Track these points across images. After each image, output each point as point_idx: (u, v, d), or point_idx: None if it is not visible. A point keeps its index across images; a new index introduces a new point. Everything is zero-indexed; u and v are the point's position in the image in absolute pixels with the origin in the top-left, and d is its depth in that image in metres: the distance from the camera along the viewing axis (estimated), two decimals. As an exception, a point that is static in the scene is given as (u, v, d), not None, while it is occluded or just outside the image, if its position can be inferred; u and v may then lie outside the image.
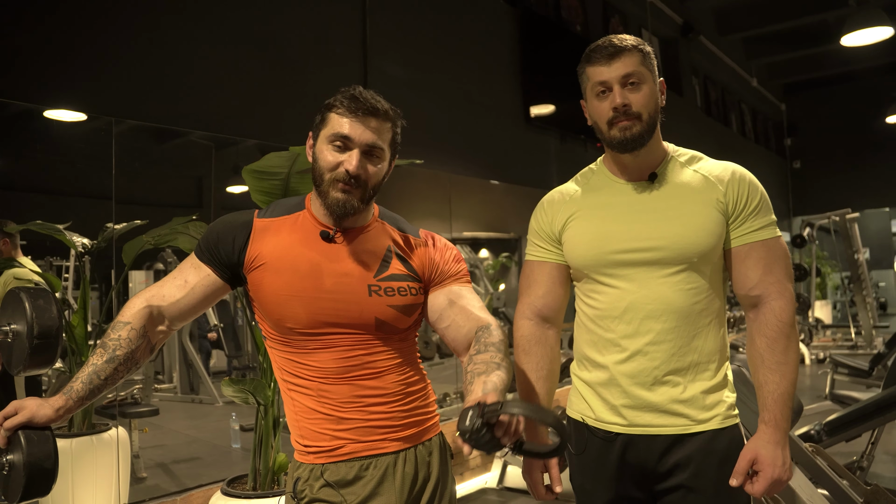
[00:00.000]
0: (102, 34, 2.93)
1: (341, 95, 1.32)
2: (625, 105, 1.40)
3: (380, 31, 4.14)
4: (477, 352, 1.34)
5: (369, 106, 1.30)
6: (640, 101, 1.41)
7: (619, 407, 1.45)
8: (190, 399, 6.03)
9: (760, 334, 1.42)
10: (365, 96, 1.31)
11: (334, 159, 1.30)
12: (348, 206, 1.30)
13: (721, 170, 1.47)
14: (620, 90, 1.41)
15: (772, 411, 1.39)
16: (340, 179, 1.30)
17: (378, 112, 1.31)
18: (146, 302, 1.34)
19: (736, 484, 1.38)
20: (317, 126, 1.36)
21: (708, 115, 9.19)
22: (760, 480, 1.36)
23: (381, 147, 1.33)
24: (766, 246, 1.43)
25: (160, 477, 3.97)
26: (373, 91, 1.34)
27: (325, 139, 1.32)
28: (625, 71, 1.40)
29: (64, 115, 2.96)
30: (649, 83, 1.43)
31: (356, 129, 1.30)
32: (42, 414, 1.23)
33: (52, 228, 2.90)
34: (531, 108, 5.37)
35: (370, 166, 1.32)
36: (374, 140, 1.31)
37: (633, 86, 1.41)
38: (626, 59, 1.41)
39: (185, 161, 4.01)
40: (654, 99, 1.44)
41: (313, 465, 1.33)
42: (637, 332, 1.43)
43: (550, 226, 1.55)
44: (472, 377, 1.27)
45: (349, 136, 1.29)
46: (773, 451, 1.37)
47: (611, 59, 1.41)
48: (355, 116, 1.30)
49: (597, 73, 1.43)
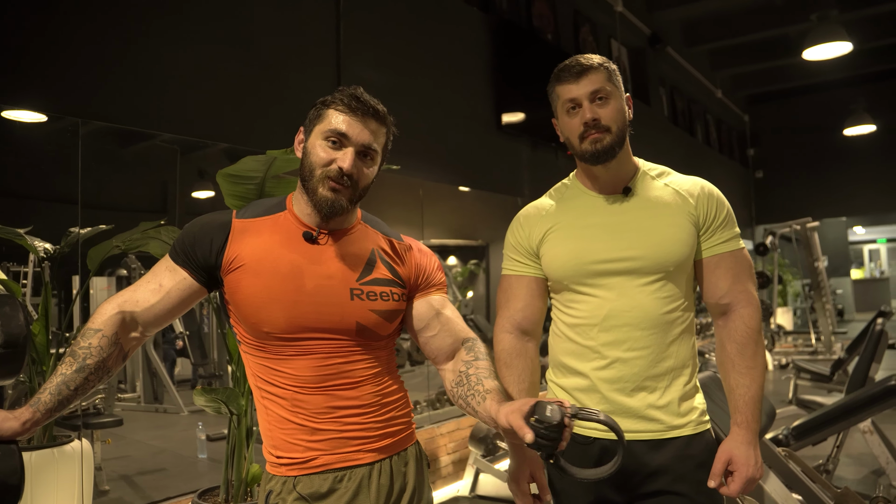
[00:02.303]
0: (67, 32, 2.84)
1: (341, 93, 1.31)
2: (594, 119, 1.47)
3: (354, 36, 4.11)
4: (475, 358, 1.37)
5: (370, 107, 1.29)
6: (609, 115, 1.48)
7: None
8: (154, 409, 5.91)
9: (731, 340, 1.50)
10: (365, 97, 1.30)
11: (328, 156, 1.28)
12: (336, 205, 1.28)
13: (690, 184, 1.56)
14: (590, 105, 1.48)
15: (743, 413, 1.47)
16: (332, 177, 1.27)
17: (378, 114, 1.31)
18: (118, 308, 1.29)
19: (714, 485, 1.45)
20: (311, 121, 1.33)
21: (675, 124, 9.34)
22: (736, 480, 1.44)
23: (375, 149, 1.32)
24: (734, 256, 1.52)
25: (124, 489, 3.87)
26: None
27: (319, 134, 1.29)
28: (592, 87, 1.48)
29: (25, 116, 2.86)
30: (616, 98, 1.50)
31: (354, 128, 1.28)
32: (7, 427, 1.17)
33: (11, 233, 2.80)
34: (503, 115, 5.38)
35: (363, 167, 1.31)
36: (370, 141, 1.30)
37: (602, 101, 1.49)
38: (594, 77, 1.48)
39: (151, 165, 3.93)
40: (622, 113, 1.51)
41: (286, 478, 1.29)
42: (616, 339, 1.48)
43: (528, 240, 1.59)
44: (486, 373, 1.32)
45: (346, 134, 1.28)
46: (746, 452, 1.45)
47: (579, 76, 1.48)
48: (355, 115, 1.28)
49: (566, 91, 1.50)
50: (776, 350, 9.86)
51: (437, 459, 4.32)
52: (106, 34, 2.96)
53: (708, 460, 1.47)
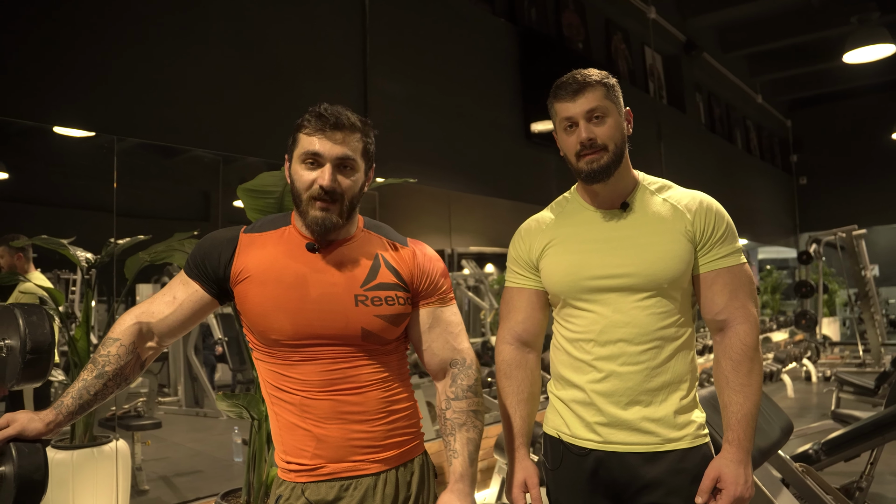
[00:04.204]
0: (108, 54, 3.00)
1: (308, 114, 1.34)
2: (590, 139, 1.47)
3: (380, 50, 4.20)
4: (455, 397, 1.41)
5: (334, 120, 1.32)
6: (606, 134, 1.48)
7: (593, 424, 1.52)
8: (194, 412, 6.06)
9: (726, 357, 1.49)
10: (330, 111, 1.33)
11: (308, 178, 1.33)
12: (328, 222, 1.32)
13: (689, 199, 1.55)
14: (586, 124, 1.48)
15: (735, 431, 1.46)
16: (317, 197, 1.32)
17: (343, 125, 1.33)
18: (136, 319, 1.38)
19: (701, 502, 1.44)
20: (290, 148, 1.39)
21: (712, 131, 9.21)
22: (723, 498, 1.43)
23: (352, 158, 1.34)
24: (732, 272, 1.50)
25: (162, 489, 4.00)
26: (341, 106, 1.37)
27: (297, 159, 1.34)
28: (588, 106, 1.47)
29: (70, 133, 3.03)
30: (614, 115, 1.50)
31: (325, 145, 1.32)
32: (32, 427, 1.26)
33: (56, 243, 2.96)
34: (531, 125, 5.41)
35: (344, 179, 1.34)
36: (343, 152, 1.32)
37: (598, 119, 1.48)
38: (590, 95, 1.48)
39: (193, 176, 4.08)
40: (619, 130, 1.50)
41: (295, 484, 1.35)
42: (612, 354, 1.49)
43: (528, 253, 1.61)
44: (453, 427, 1.38)
45: (319, 153, 1.32)
46: (735, 470, 1.43)
47: (575, 94, 1.48)
48: (322, 133, 1.32)
49: (563, 109, 1.50)
50: (821, 362, 9.60)
51: (465, 466, 4.35)
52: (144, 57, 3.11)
53: (702, 474, 1.47)
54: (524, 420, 1.59)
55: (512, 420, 1.59)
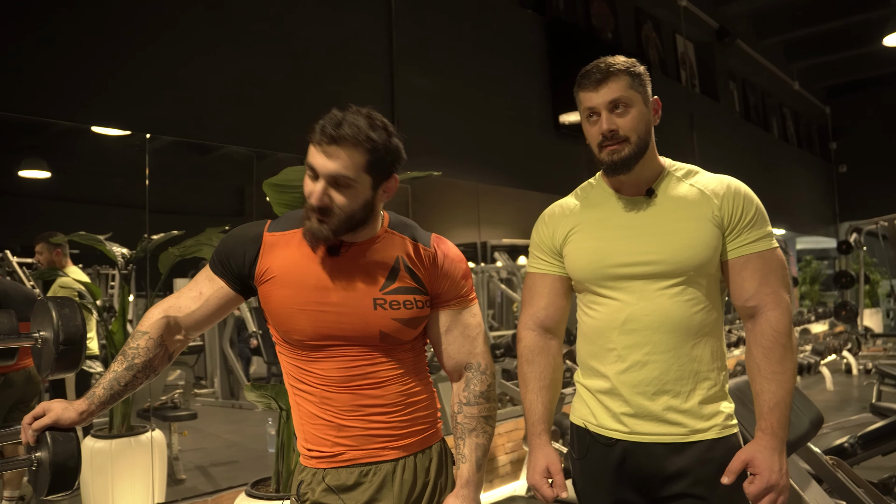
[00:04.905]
0: (142, 56, 3.07)
1: (317, 123, 1.29)
2: (611, 130, 1.44)
3: (406, 45, 4.22)
4: (467, 402, 1.42)
5: (329, 135, 1.26)
6: (628, 125, 1.45)
7: (619, 415, 1.49)
8: (230, 404, 6.16)
9: (757, 344, 1.45)
10: (330, 124, 1.27)
11: (308, 189, 1.30)
12: (318, 235, 1.29)
13: (716, 184, 1.50)
14: (608, 116, 1.45)
15: (768, 419, 1.42)
16: (311, 209, 1.30)
17: (344, 139, 1.26)
18: (163, 312, 1.41)
19: (727, 482, 1.39)
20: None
21: (747, 120, 9.03)
22: (757, 482, 1.38)
23: (345, 175, 1.27)
24: (762, 257, 1.46)
25: (198, 479, 4.09)
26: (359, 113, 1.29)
27: (305, 166, 1.32)
28: (612, 97, 1.44)
29: (107, 132, 3.12)
30: (638, 106, 1.46)
31: (319, 160, 1.27)
32: (66, 417, 1.31)
33: (93, 239, 3.05)
34: (560, 116, 5.38)
35: (337, 196, 1.28)
36: (335, 170, 1.26)
37: (621, 110, 1.45)
38: (613, 85, 1.44)
39: (226, 172, 4.16)
40: (643, 121, 1.47)
41: (316, 469, 1.38)
42: (637, 343, 1.46)
43: (551, 239, 1.59)
44: (461, 432, 1.40)
45: (314, 167, 1.28)
46: (769, 457, 1.39)
47: (598, 84, 1.45)
48: (319, 146, 1.27)
49: (586, 99, 1.47)
50: (862, 354, 9.37)
51: (495, 459, 4.38)
52: (177, 56, 3.18)
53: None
54: (545, 406, 1.58)
55: (533, 406, 1.58)
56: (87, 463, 2.93)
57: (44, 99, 2.78)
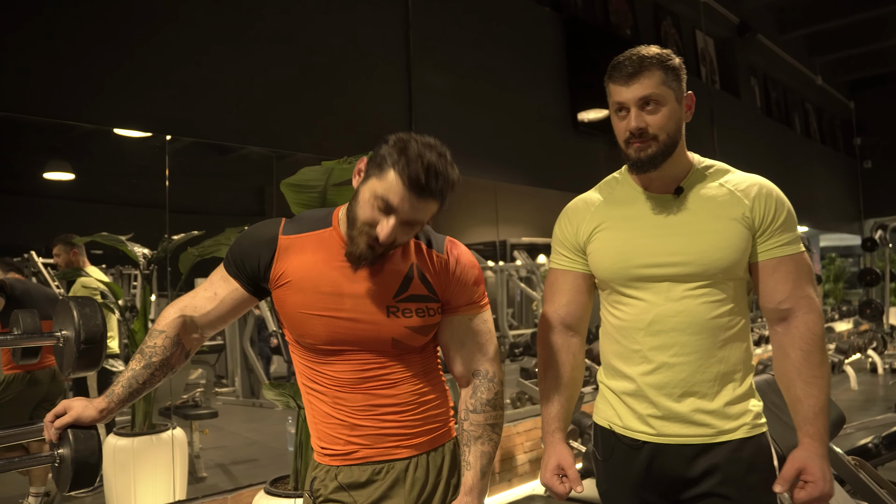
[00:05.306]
0: (162, 58, 3.11)
1: (411, 163, 1.25)
2: (640, 129, 1.39)
3: (423, 43, 4.22)
4: (473, 409, 1.42)
5: (430, 190, 1.26)
6: (658, 123, 1.40)
7: (646, 417, 1.46)
8: (250, 403, 6.21)
9: (795, 347, 1.42)
10: (430, 179, 1.26)
11: (373, 217, 1.28)
12: (366, 257, 1.31)
13: (747, 184, 1.46)
14: (637, 113, 1.39)
15: (814, 425, 1.39)
16: (371, 244, 1.29)
17: (433, 194, 1.27)
18: (180, 312, 1.42)
19: (780, 490, 1.38)
20: (372, 166, 1.31)
21: (768, 116, 8.92)
22: (809, 489, 1.36)
23: (420, 221, 1.31)
24: (794, 260, 1.43)
25: (219, 476, 4.12)
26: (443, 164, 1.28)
27: (372, 190, 1.28)
28: (642, 93, 1.38)
29: (128, 133, 3.16)
30: (670, 103, 1.40)
31: (405, 205, 1.26)
32: (87, 414, 1.33)
33: (115, 240, 3.09)
34: (578, 114, 5.35)
35: (403, 235, 1.31)
36: (416, 217, 1.29)
37: (652, 107, 1.39)
38: (645, 80, 1.38)
39: (246, 173, 4.20)
40: (674, 119, 1.41)
41: (329, 467, 1.39)
42: (663, 344, 1.44)
43: (575, 236, 1.56)
44: (467, 439, 1.40)
45: (395, 208, 1.27)
46: (821, 465, 1.37)
47: (629, 79, 1.39)
48: (411, 193, 1.25)
49: (616, 92, 1.42)
50: (888, 353, 9.22)
51: (514, 458, 4.37)
52: (196, 59, 3.22)
53: (759, 464, 1.42)
54: (562, 405, 1.56)
55: (550, 404, 1.56)
56: (110, 460, 2.98)
57: (67, 102, 2.83)
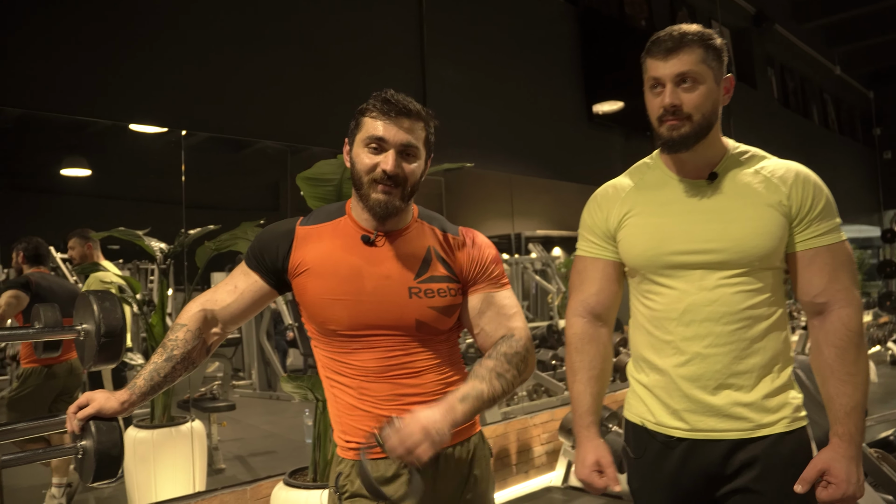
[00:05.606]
0: (176, 55, 3.12)
1: (374, 100, 1.36)
2: (674, 105, 1.35)
3: (437, 37, 4.21)
4: (488, 356, 1.39)
5: (401, 107, 1.33)
6: (694, 102, 1.35)
7: (680, 411, 1.41)
8: (267, 395, 6.25)
9: (829, 344, 1.37)
10: (397, 98, 1.34)
11: (371, 161, 1.34)
12: (390, 206, 1.34)
13: (784, 170, 1.41)
14: (673, 89, 1.35)
15: (845, 424, 1.34)
16: (379, 180, 1.33)
17: (410, 112, 1.34)
18: (201, 306, 1.44)
19: (801, 490, 1.33)
20: (352, 132, 1.40)
21: (786, 107, 8.82)
22: (832, 491, 1.32)
23: (415, 145, 1.36)
24: (832, 251, 1.38)
25: (238, 468, 4.16)
26: (405, 94, 1.37)
27: (360, 143, 1.36)
28: (680, 69, 1.34)
29: (144, 129, 3.18)
30: (708, 82, 1.36)
31: (390, 131, 1.33)
32: (109, 406, 1.34)
33: (132, 234, 3.12)
34: (593, 106, 5.32)
35: (406, 165, 1.35)
36: (408, 139, 1.34)
37: (689, 85, 1.35)
38: (685, 57, 1.34)
39: (260, 167, 4.21)
40: (710, 99, 1.37)
41: (354, 461, 1.38)
42: (696, 334, 1.39)
43: (605, 222, 1.51)
44: (470, 377, 1.36)
45: (384, 138, 1.33)
46: (847, 467, 1.32)
47: (668, 54, 1.35)
48: (388, 118, 1.33)
49: (652, 67, 1.38)
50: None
51: (531, 450, 4.37)
52: (210, 55, 3.23)
53: (798, 461, 1.36)
54: (594, 397, 1.51)
55: (581, 397, 1.51)
56: (130, 452, 3.01)
57: (83, 99, 2.85)
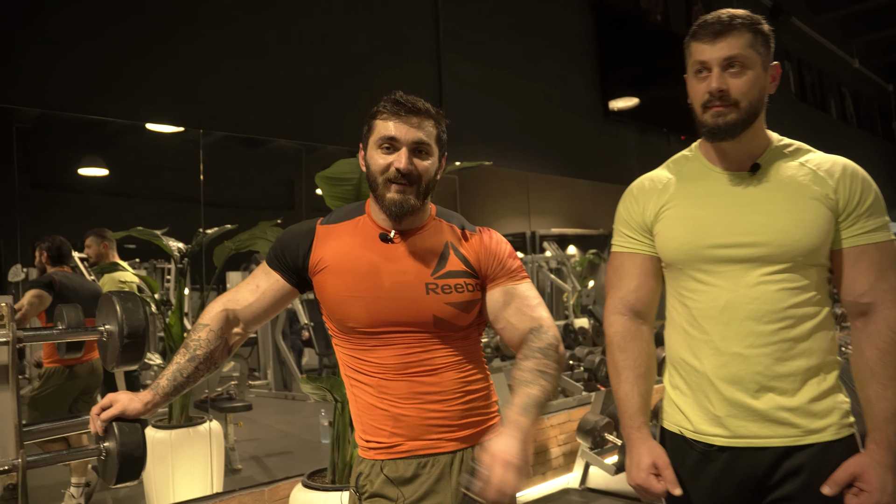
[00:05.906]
0: (193, 54, 3.13)
1: (383, 102, 1.37)
2: (721, 90, 1.30)
3: (452, 33, 4.20)
4: (524, 357, 1.37)
5: (410, 106, 1.35)
6: (741, 88, 1.30)
7: (720, 417, 1.35)
8: (283, 395, 6.26)
9: (872, 346, 1.31)
10: (406, 98, 1.36)
11: (384, 161, 1.35)
12: (406, 205, 1.34)
13: (831, 164, 1.36)
14: (720, 73, 1.30)
15: (884, 431, 1.28)
16: (393, 179, 1.34)
17: (420, 111, 1.36)
18: (223, 306, 1.44)
19: (829, 493, 1.27)
20: (365, 136, 1.41)
21: (803, 100, 8.72)
22: (863, 499, 1.26)
23: (427, 143, 1.36)
24: (880, 249, 1.32)
25: (254, 469, 4.16)
26: (419, 93, 1.39)
27: (373, 145, 1.37)
28: (728, 53, 1.29)
29: (161, 129, 3.19)
30: (756, 68, 1.31)
31: (401, 129, 1.34)
32: (132, 408, 1.34)
33: (150, 234, 3.13)
34: (609, 102, 5.28)
35: (420, 162, 1.36)
36: (419, 136, 1.35)
37: (736, 70, 1.30)
38: (733, 40, 1.29)
39: (276, 166, 4.22)
40: (757, 86, 1.32)
41: (374, 461, 1.38)
42: (736, 333, 1.32)
43: (642, 216, 1.46)
44: (516, 385, 1.34)
45: (395, 137, 1.34)
46: (882, 475, 1.26)
47: (715, 37, 1.30)
48: (398, 118, 1.34)
49: (698, 51, 1.33)
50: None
51: (548, 451, 4.34)
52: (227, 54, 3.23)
53: None
54: (642, 397, 1.44)
55: (629, 398, 1.44)
56: (149, 452, 2.98)
57: (101, 98, 2.86)
